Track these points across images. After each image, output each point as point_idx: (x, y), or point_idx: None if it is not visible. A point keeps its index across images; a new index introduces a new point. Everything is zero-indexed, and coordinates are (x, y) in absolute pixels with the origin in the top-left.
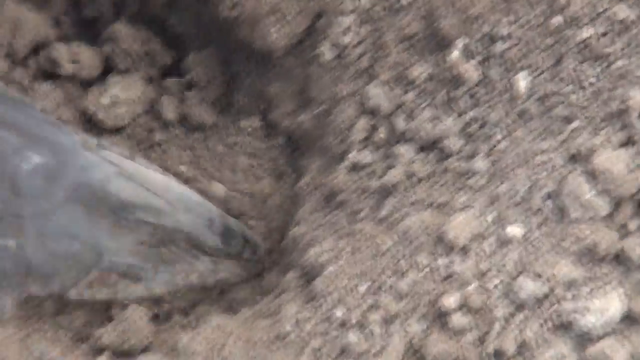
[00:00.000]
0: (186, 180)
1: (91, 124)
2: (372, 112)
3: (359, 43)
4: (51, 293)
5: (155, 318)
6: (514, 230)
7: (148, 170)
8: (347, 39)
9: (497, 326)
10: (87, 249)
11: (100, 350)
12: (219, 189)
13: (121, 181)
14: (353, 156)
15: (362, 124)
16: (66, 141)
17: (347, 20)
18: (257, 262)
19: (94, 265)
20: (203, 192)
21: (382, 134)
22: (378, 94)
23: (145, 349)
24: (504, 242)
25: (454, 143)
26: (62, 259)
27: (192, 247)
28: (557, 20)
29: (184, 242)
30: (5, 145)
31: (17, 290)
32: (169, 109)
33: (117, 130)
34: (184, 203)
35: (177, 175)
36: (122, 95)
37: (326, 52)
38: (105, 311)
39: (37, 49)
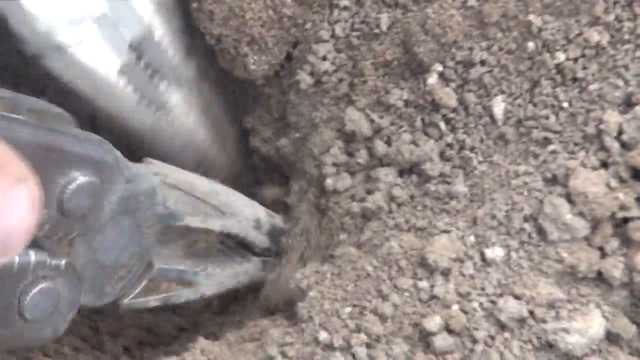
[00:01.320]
0: None
1: None
2: (351, 137)
3: (337, 69)
4: (104, 304)
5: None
6: (494, 252)
7: (192, 176)
8: (325, 66)
9: (479, 347)
10: (136, 259)
11: None
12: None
13: (166, 189)
14: (332, 180)
15: (341, 148)
16: (108, 157)
17: (325, 48)
18: None
19: (145, 275)
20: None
21: (360, 158)
22: (357, 119)
23: None
24: (485, 264)
25: (433, 167)
26: (112, 270)
27: (241, 248)
28: (532, 45)
29: (233, 245)
30: (49, 167)
31: (71, 308)
32: None
33: None
34: (231, 206)
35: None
36: None
37: (305, 79)
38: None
39: None
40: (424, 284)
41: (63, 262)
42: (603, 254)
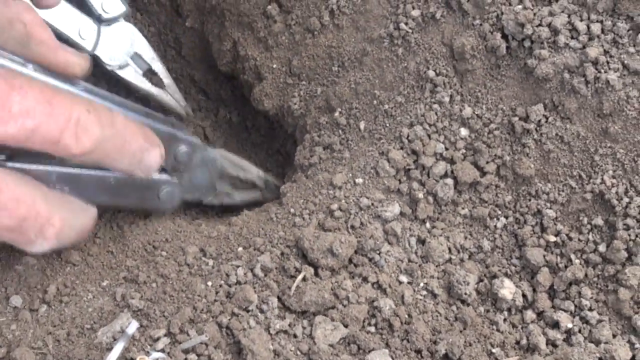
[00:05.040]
0: None
1: None
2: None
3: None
4: (196, 200)
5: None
6: (358, 180)
7: (235, 156)
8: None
9: (353, 220)
10: (208, 184)
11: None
12: None
13: (220, 158)
14: (298, 152)
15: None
16: (196, 141)
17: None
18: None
19: (213, 191)
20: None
21: (307, 142)
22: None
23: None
24: (354, 185)
25: (335, 146)
26: (197, 187)
27: (252, 185)
28: (375, 102)
29: (249, 183)
30: (171, 142)
31: (179, 199)
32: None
33: None
34: (248, 167)
35: None
36: None
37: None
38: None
39: None
40: (331, 192)
41: (175, 180)
42: (401, 182)
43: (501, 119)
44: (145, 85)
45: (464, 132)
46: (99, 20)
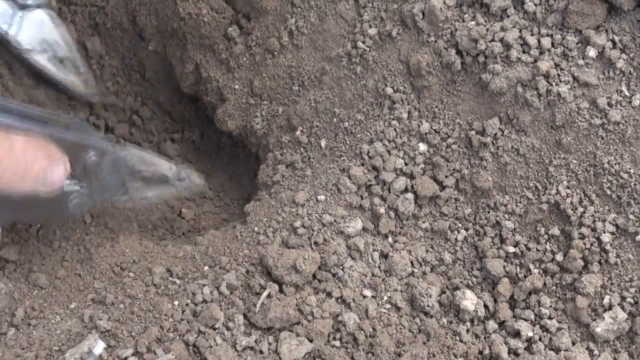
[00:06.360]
0: None
1: None
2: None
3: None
4: (104, 201)
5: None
6: (320, 197)
7: (146, 152)
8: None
9: (317, 236)
10: (119, 184)
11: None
12: None
13: (133, 157)
14: (261, 170)
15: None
16: (106, 146)
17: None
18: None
19: (123, 190)
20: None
21: (270, 161)
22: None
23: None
24: (317, 202)
25: (297, 164)
26: (109, 187)
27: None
28: (335, 119)
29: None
30: (78, 151)
31: (90, 202)
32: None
33: None
34: (160, 162)
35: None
36: None
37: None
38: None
39: None
40: (294, 210)
41: (85, 188)
42: (363, 198)
43: (458, 133)
44: (57, 72)
45: (422, 147)
46: (19, 5)
